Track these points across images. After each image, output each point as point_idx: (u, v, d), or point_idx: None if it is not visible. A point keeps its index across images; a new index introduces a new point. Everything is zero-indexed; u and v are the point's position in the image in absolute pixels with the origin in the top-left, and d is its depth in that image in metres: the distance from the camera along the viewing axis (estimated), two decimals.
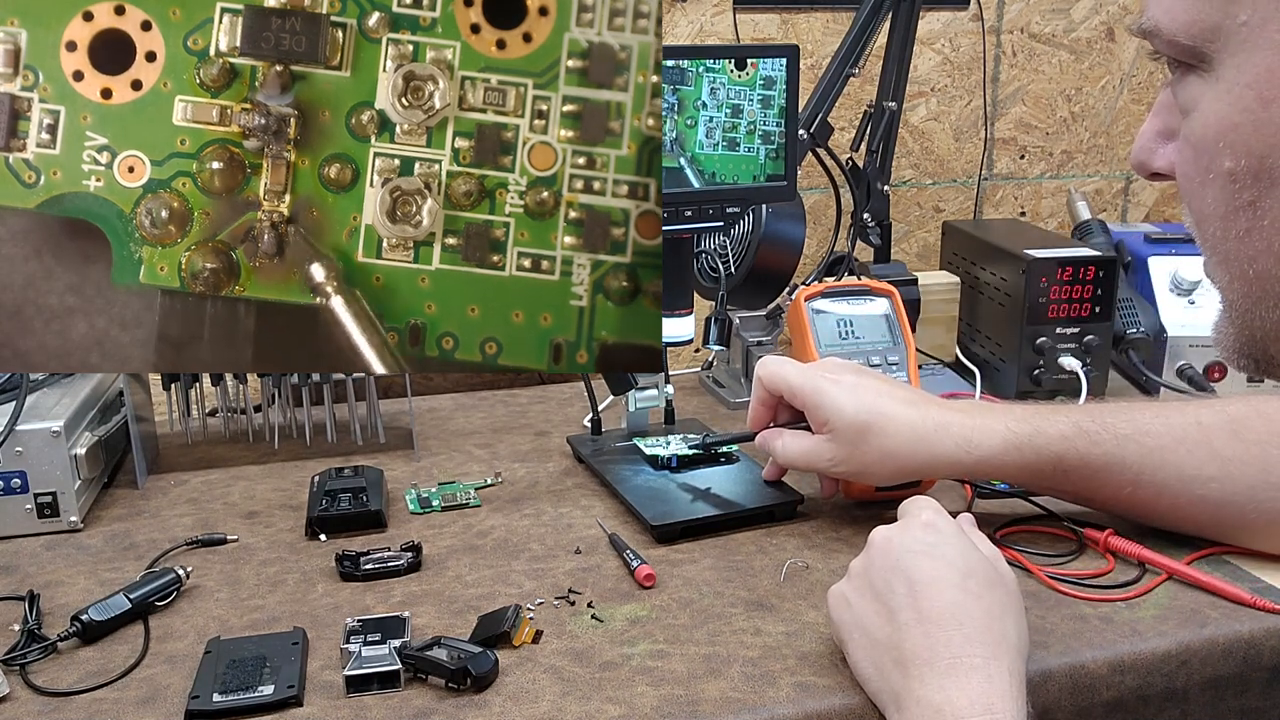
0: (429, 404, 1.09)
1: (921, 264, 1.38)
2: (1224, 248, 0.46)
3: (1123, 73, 1.40)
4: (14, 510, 0.79)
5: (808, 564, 0.74)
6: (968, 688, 0.53)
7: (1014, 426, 0.73)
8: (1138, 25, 0.46)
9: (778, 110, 0.82)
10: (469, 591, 0.71)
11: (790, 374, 0.77)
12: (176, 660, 0.64)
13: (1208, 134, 0.44)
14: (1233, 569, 0.71)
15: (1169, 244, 1.17)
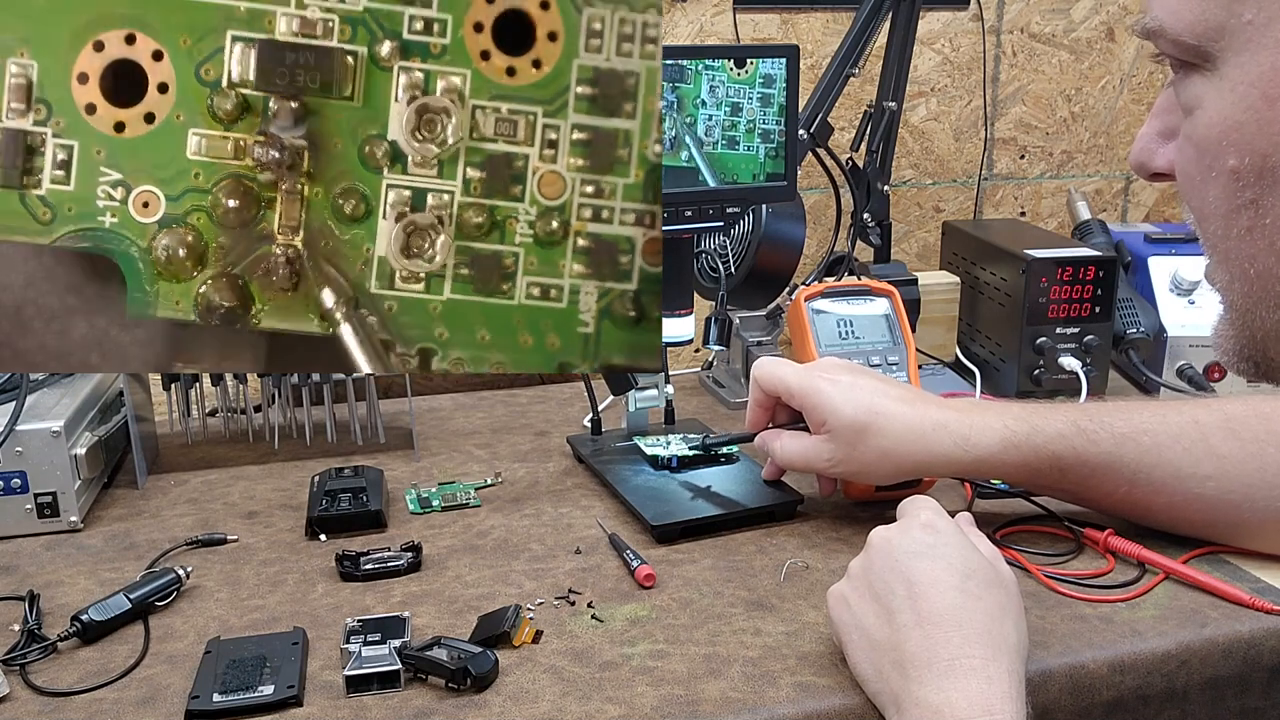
0: (429, 404, 1.09)
1: (921, 264, 1.38)
2: (1224, 246, 0.46)
3: (1123, 73, 1.40)
4: (14, 510, 0.80)
5: (808, 564, 0.74)
6: (967, 689, 0.53)
7: (1012, 425, 0.73)
8: (1140, 26, 0.46)
9: (777, 108, 0.82)
10: (469, 591, 0.71)
11: (787, 375, 0.77)
12: (176, 660, 0.64)
13: (1211, 133, 0.44)
14: (1232, 569, 0.71)
15: (1169, 244, 1.17)
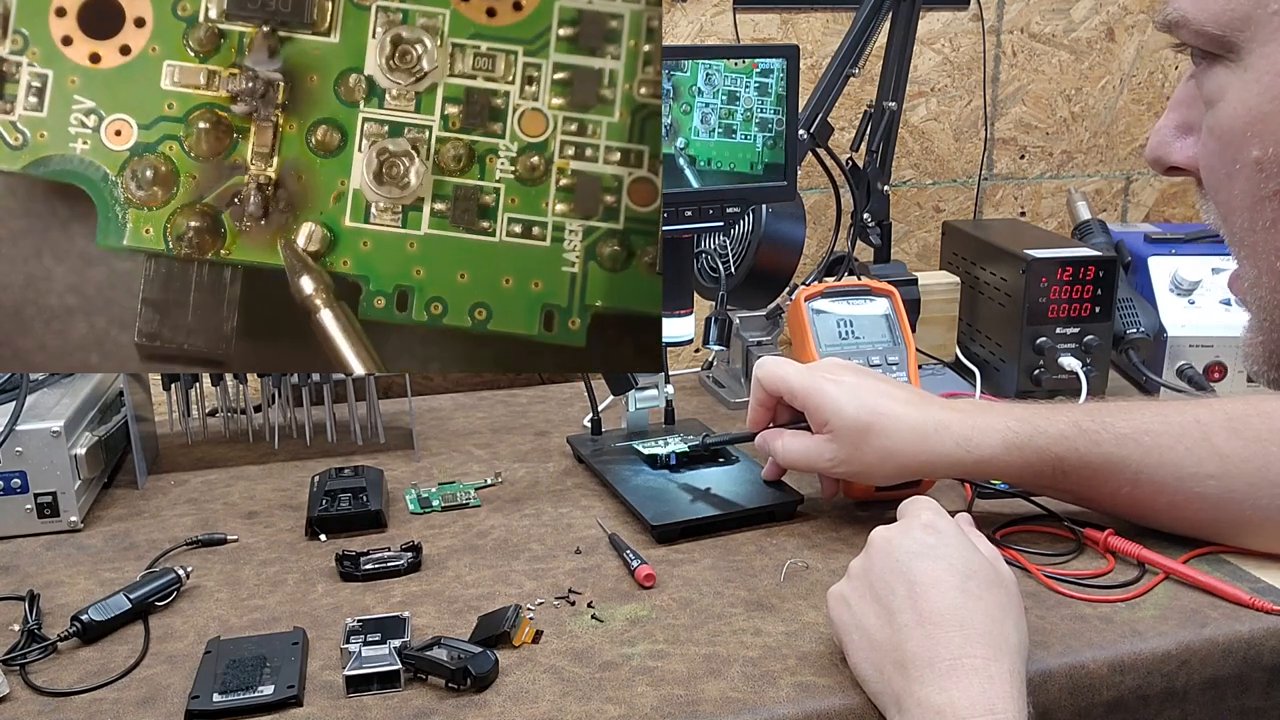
0: (429, 404, 1.09)
1: (921, 264, 1.38)
2: (1251, 239, 0.46)
3: (1123, 73, 1.40)
4: (14, 510, 0.79)
5: (808, 564, 0.74)
6: (969, 689, 0.53)
7: (1014, 426, 0.73)
8: (1163, 17, 0.45)
9: (774, 97, 0.81)
10: (469, 591, 0.71)
11: (789, 374, 0.77)
12: (176, 660, 0.64)
13: (1235, 124, 0.44)
14: (1232, 569, 0.71)
15: (1169, 244, 1.17)
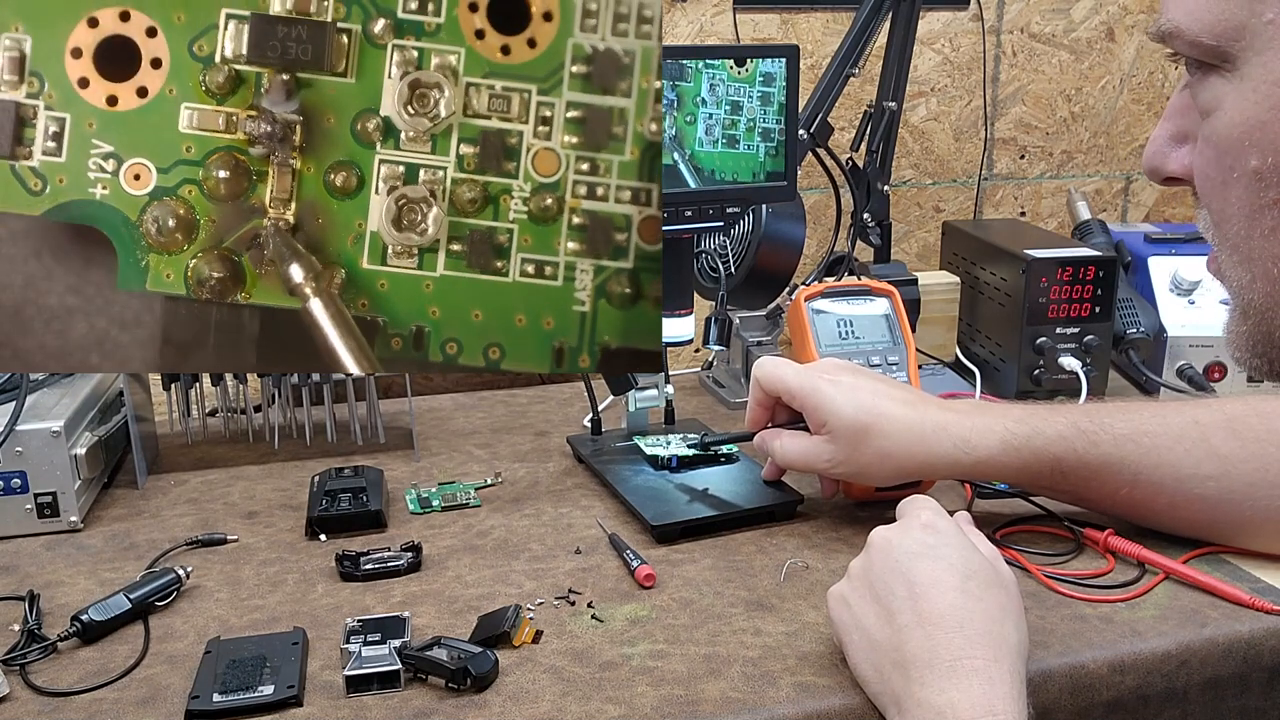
0: (429, 404, 1.09)
1: (921, 264, 1.38)
2: (1247, 246, 0.46)
3: (1123, 73, 1.40)
4: (14, 510, 0.80)
5: (808, 564, 0.74)
6: (969, 690, 0.53)
7: (1012, 427, 0.73)
8: (1156, 28, 0.45)
9: (777, 107, 0.82)
10: (469, 591, 0.71)
11: (788, 375, 0.77)
12: (176, 660, 0.64)
13: (1232, 133, 0.44)
14: (1232, 569, 0.71)
15: (1169, 244, 1.17)
